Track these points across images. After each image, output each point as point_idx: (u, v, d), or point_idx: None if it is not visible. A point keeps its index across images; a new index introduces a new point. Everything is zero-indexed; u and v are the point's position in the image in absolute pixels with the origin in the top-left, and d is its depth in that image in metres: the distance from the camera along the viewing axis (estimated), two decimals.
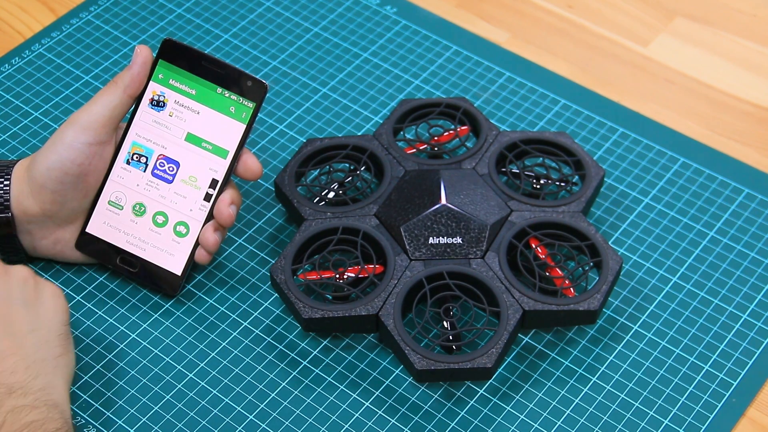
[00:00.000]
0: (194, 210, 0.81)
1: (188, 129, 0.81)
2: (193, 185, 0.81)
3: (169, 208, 0.82)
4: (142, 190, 0.82)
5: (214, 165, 0.81)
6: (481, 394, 0.79)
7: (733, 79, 1.00)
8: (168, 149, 0.81)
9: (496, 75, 0.99)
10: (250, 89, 0.80)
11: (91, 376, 0.80)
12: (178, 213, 0.81)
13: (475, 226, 0.82)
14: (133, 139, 0.82)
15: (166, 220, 0.82)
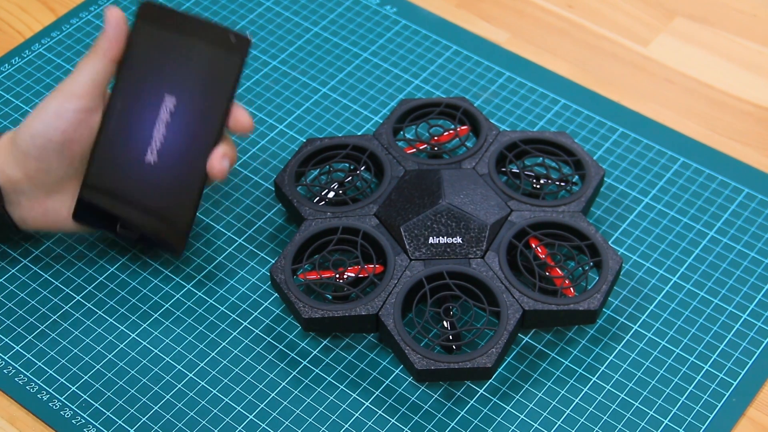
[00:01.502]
0: (190, 166, 0.81)
1: (175, 86, 0.80)
2: (186, 142, 0.80)
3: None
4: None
5: (204, 121, 0.80)
6: (481, 394, 0.79)
7: (733, 79, 1.00)
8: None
9: (496, 75, 0.99)
10: (235, 45, 0.79)
11: (91, 375, 0.80)
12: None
13: (475, 225, 0.82)
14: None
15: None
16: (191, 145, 0.80)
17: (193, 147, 0.80)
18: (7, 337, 0.82)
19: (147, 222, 0.81)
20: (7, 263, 0.86)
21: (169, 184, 0.80)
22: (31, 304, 0.84)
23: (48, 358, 0.81)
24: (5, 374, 0.80)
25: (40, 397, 0.79)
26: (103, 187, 0.81)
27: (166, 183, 0.80)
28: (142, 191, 0.81)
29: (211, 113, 0.79)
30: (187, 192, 0.80)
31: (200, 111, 0.80)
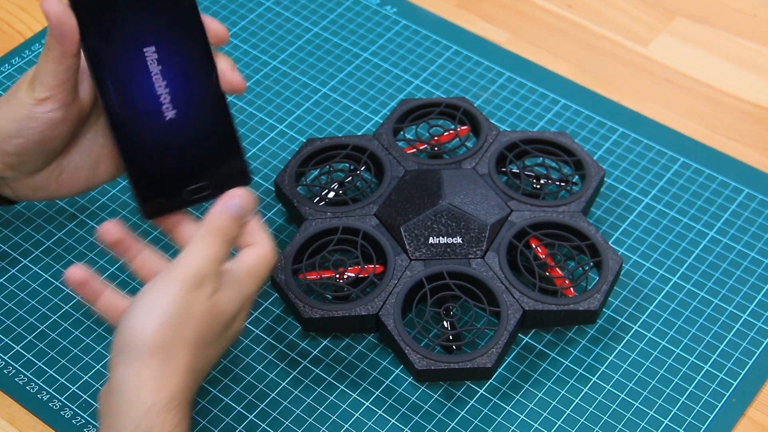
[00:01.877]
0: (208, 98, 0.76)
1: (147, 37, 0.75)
2: (190, 81, 0.76)
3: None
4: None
5: (193, 52, 0.76)
6: (481, 394, 0.79)
7: (733, 79, 1.00)
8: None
9: (496, 75, 0.99)
10: None
11: (91, 375, 0.80)
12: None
13: (475, 226, 0.82)
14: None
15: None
16: (196, 80, 0.75)
17: (199, 81, 0.75)
18: (7, 337, 0.82)
19: (209, 173, 0.76)
20: (7, 263, 0.86)
21: (201, 125, 0.75)
22: (31, 304, 0.84)
23: (48, 358, 0.81)
24: (5, 374, 0.80)
25: (40, 397, 0.79)
26: (152, 174, 0.76)
27: (198, 127, 0.75)
28: (184, 150, 0.75)
29: (193, 42, 0.75)
30: (221, 122, 0.76)
31: (183, 45, 0.75)
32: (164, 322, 0.66)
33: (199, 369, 0.69)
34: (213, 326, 0.69)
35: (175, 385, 0.66)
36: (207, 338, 0.69)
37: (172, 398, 0.65)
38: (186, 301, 0.67)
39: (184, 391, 0.67)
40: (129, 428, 0.64)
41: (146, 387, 0.65)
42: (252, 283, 0.72)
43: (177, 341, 0.67)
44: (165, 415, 0.64)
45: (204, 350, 0.69)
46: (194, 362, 0.68)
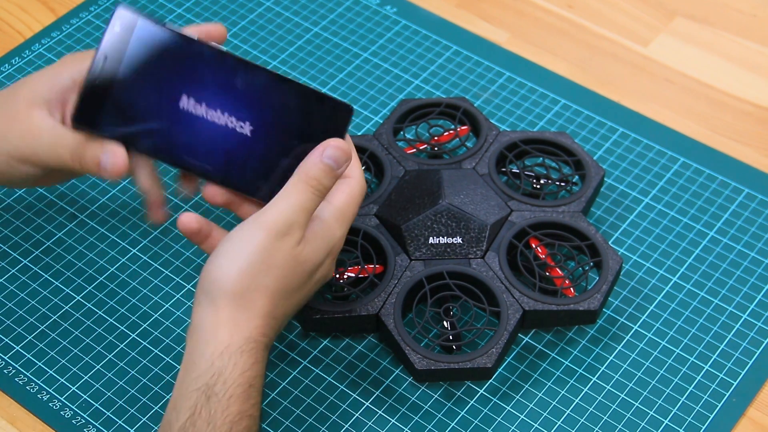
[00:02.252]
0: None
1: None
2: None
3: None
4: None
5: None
6: (481, 394, 0.79)
7: (732, 79, 1.00)
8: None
9: (496, 75, 0.99)
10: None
11: (91, 375, 0.80)
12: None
13: (475, 226, 0.82)
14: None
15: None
16: (237, 88, 0.75)
17: (239, 85, 0.75)
18: (7, 337, 0.82)
19: (313, 134, 0.74)
20: (7, 263, 0.86)
21: (277, 110, 0.74)
22: (31, 304, 0.84)
23: (48, 358, 0.81)
24: (5, 374, 0.80)
25: (40, 398, 0.79)
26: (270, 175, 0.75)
27: (275, 112, 0.74)
28: (282, 137, 0.74)
29: (209, 67, 0.75)
30: (288, 92, 0.74)
31: (204, 76, 0.75)
32: (246, 268, 0.68)
33: (280, 314, 0.70)
34: (296, 275, 0.70)
35: (252, 329, 0.68)
36: (290, 286, 0.70)
37: (248, 341, 0.67)
38: (269, 249, 0.68)
39: (262, 335, 0.68)
40: (204, 366, 0.66)
41: (223, 329, 0.67)
42: (340, 227, 0.72)
43: (257, 288, 0.68)
44: (238, 358, 0.66)
45: (286, 298, 0.70)
46: (274, 308, 0.69)
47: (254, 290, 0.68)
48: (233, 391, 0.66)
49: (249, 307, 0.68)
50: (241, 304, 0.68)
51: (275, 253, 0.68)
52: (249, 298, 0.68)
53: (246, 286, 0.68)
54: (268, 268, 0.68)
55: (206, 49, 0.74)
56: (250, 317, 0.68)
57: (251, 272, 0.68)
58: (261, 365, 0.68)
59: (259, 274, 0.68)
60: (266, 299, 0.69)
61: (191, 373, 0.67)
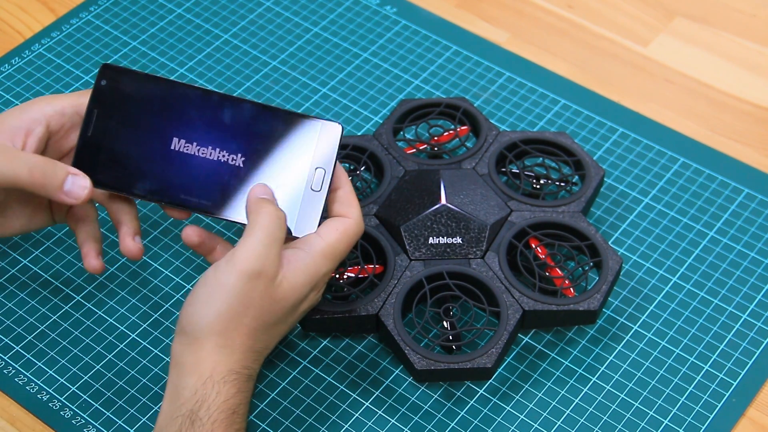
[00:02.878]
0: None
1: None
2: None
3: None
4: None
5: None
6: (481, 394, 0.79)
7: (732, 79, 1.00)
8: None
9: (496, 75, 0.99)
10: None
11: (91, 376, 0.80)
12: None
13: (475, 226, 0.82)
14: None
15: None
16: (223, 123, 0.76)
17: (225, 120, 0.77)
18: (7, 337, 0.82)
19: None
20: (7, 263, 0.86)
21: (262, 134, 0.76)
22: (31, 305, 0.84)
23: (48, 359, 0.81)
24: (5, 374, 0.80)
25: (40, 398, 0.79)
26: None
27: (261, 137, 0.77)
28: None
29: (193, 106, 0.77)
30: (272, 117, 0.77)
31: (191, 115, 0.77)
32: (224, 312, 0.69)
33: (261, 347, 0.71)
34: (275, 311, 0.71)
35: (234, 362, 0.69)
36: (269, 321, 0.71)
37: (230, 372, 0.69)
38: (245, 290, 0.69)
39: (244, 367, 0.70)
40: (187, 395, 0.68)
41: (205, 363, 0.68)
42: (326, 264, 0.73)
43: (236, 328, 0.69)
44: (221, 387, 0.68)
45: (266, 332, 0.71)
46: (254, 343, 0.70)
47: (233, 330, 0.69)
48: (217, 416, 0.67)
49: (229, 344, 0.69)
50: (221, 343, 0.69)
51: (251, 293, 0.69)
52: (229, 337, 0.69)
53: (225, 327, 0.69)
54: (245, 308, 0.69)
55: (191, 91, 0.76)
56: (230, 353, 0.69)
57: (229, 315, 0.69)
58: (244, 395, 0.69)
59: (237, 315, 0.69)
60: (245, 336, 0.70)
61: (175, 402, 0.68)
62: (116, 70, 0.76)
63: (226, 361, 0.69)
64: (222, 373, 0.68)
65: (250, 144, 0.75)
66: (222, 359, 0.69)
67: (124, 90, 0.76)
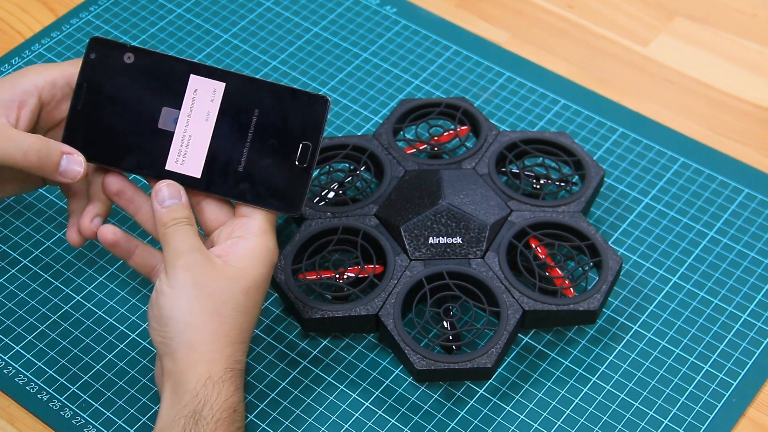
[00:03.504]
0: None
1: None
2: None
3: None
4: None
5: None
6: (481, 394, 0.79)
7: (732, 79, 1.00)
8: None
9: (496, 75, 0.99)
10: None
11: (90, 376, 0.80)
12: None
13: (475, 226, 0.82)
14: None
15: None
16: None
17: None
18: (7, 337, 0.82)
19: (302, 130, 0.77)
20: (7, 263, 0.86)
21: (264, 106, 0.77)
22: (31, 304, 0.84)
23: (48, 359, 0.81)
24: (5, 374, 0.80)
25: (40, 398, 0.79)
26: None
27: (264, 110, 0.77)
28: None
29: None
30: (270, 92, 0.77)
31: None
32: (195, 309, 0.71)
33: (245, 337, 0.72)
34: (235, 291, 0.72)
35: (226, 359, 0.70)
36: (236, 304, 0.72)
37: (226, 371, 0.70)
38: (200, 281, 0.71)
39: (236, 362, 0.71)
40: (188, 397, 0.69)
41: (201, 365, 0.70)
42: (265, 237, 0.74)
43: (215, 320, 0.71)
44: (221, 387, 0.69)
45: (242, 317, 0.72)
46: (238, 332, 0.71)
47: (213, 323, 0.70)
48: (219, 416, 0.68)
49: (216, 339, 0.70)
50: (209, 341, 0.70)
51: (208, 281, 0.71)
52: (216, 334, 0.70)
53: (204, 324, 0.70)
54: (209, 297, 0.71)
55: (177, 63, 0.76)
56: (221, 349, 0.70)
57: (200, 308, 0.70)
58: (241, 392, 0.71)
59: (207, 307, 0.71)
60: (228, 327, 0.71)
61: (176, 405, 0.69)
62: (105, 43, 0.76)
63: (219, 359, 0.70)
64: (219, 373, 0.69)
65: (237, 117, 0.75)
66: (216, 357, 0.70)
67: (113, 63, 0.76)
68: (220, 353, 0.70)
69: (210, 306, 0.71)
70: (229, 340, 0.71)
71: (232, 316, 0.71)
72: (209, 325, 0.70)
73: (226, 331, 0.71)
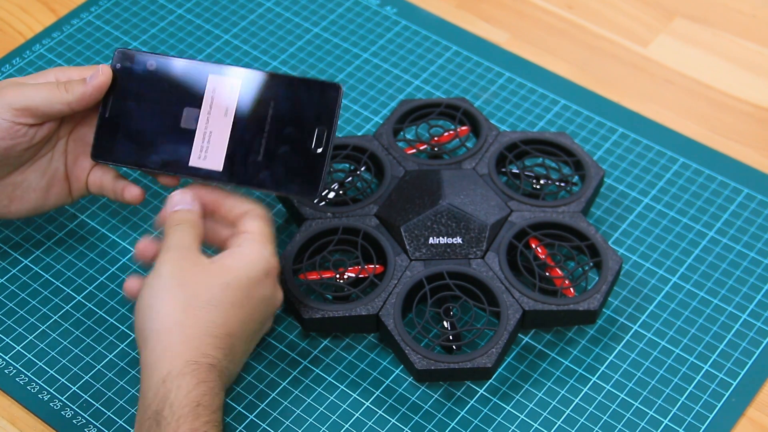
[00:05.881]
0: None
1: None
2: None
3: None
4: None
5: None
6: (481, 394, 0.79)
7: (732, 80, 1.00)
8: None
9: (496, 75, 1.00)
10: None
11: (91, 376, 0.80)
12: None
13: (475, 226, 0.82)
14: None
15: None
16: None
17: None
18: (8, 337, 0.82)
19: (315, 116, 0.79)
20: (7, 263, 0.86)
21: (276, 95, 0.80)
22: (32, 305, 0.84)
23: (48, 359, 0.81)
24: (6, 374, 0.80)
25: (41, 398, 0.79)
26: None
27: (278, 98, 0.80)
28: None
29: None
30: (283, 84, 0.80)
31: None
32: (168, 302, 0.72)
33: (221, 333, 0.72)
34: (212, 285, 0.72)
35: (190, 352, 0.70)
36: (212, 299, 0.72)
37: (188, 363, 0.69)
38: (174, 273, 0.73)
39: (203, 355, 0.70)
40: (151, 397, 0.69)
41: (162, 360, 0.70)
42: (258, 246, 0.75)
43: (184, 311, 0.71)
44: (181, 381, 0.69)
45: (216, 312, 0.72)
46: (208, 325, 0.71)
47: (182, 315, 0.71)
48: (180, 412, 0.68)
49: (184, 333, 0.70)
50: (176, 331, 0.70)
51: (182, 272, 0.72)
52: (181, 324, 0.70)
53: (172, 317, 0.71)
54: (182, 287, 0.72)
55: (196, 65, 0.80)
56: (185, 341, 0.70)
57: (173, 304, 0.71)
58: (208, 384, 0.69)
59: (179, 300, 0.71)
60: (196, 318, 0.71)
61: (142, 406, 0.69)
62: (129, 54, 0.80)
63: (183, 351, 0.69)
64: (180, 366, 0.69)
65: (254, 110, 0.78)
66: (179, 351, 0.69)
67: (137, 71, 0.80)
68: (185, 345, 0.70)
69: (182, 297, 0.71)
70: (198, 332, 0.70)
71: (205, 309, 0.71)
72: (177, 316, 0.71)
73: (194, 323, 0.71)
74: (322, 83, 0.78)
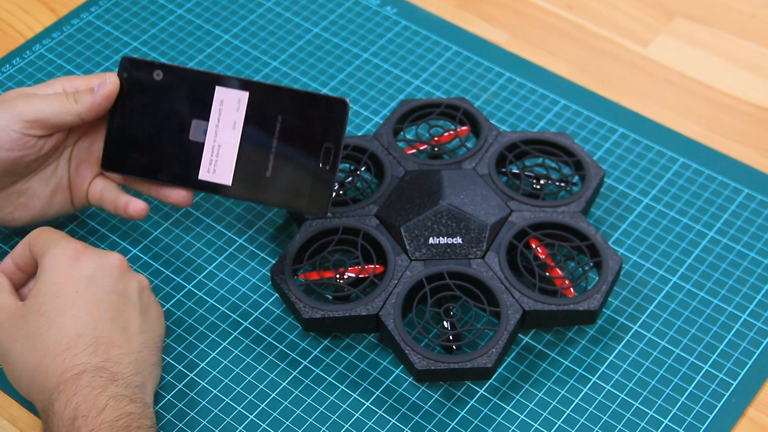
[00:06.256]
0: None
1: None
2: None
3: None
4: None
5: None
6: (481, 394, 0.80)
7: (732, 80, 1.00)
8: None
9: (496, 75, 1.00)
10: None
11: None
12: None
13: (475, 226, 0.82)
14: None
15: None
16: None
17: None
18: None
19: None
20: None
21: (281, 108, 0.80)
22: None
23: None
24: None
25: None
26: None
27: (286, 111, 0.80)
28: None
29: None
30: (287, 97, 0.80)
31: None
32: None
33: (51, 341, 0.72)
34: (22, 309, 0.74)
35: (47, 380, 0.71)
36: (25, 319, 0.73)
37: (56, 386, 0.70)
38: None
39: (64, 371, 0.71)
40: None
41: (38, 396, 0.72)
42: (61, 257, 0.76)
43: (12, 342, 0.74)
44: (53, 405, 0.70)
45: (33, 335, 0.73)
46: (32, 343, 0.72)
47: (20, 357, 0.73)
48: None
49: (34, 373, 0.72)
50: (26, 378, 0.72)
51: (8, 325, 0.74)
52: (36, 365, 0.72)
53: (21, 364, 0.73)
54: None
55: (202, 76, 0.80)
56: (41, 379, 0.71)
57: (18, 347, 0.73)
58: (80, 395, 0.69)
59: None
60: (40, 354, 0.72)
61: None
62: (135, 62, 0.80)
63: (43, 384, 0.71)
64: (47, 399, 0.70)
65: (262, 125, 0.78)
66: (38, 387, 0.71)
67: (143, 80, 0.80)
68: (43, 379, 0.71)
69: (18, 348, 0.73)
70: (48, 363, 0.71)
71: (42, 337, 0.72)
72: (27, 363, 0.73)
73: (42, 355, 0.72)
74: (329, 99, 0.78)
